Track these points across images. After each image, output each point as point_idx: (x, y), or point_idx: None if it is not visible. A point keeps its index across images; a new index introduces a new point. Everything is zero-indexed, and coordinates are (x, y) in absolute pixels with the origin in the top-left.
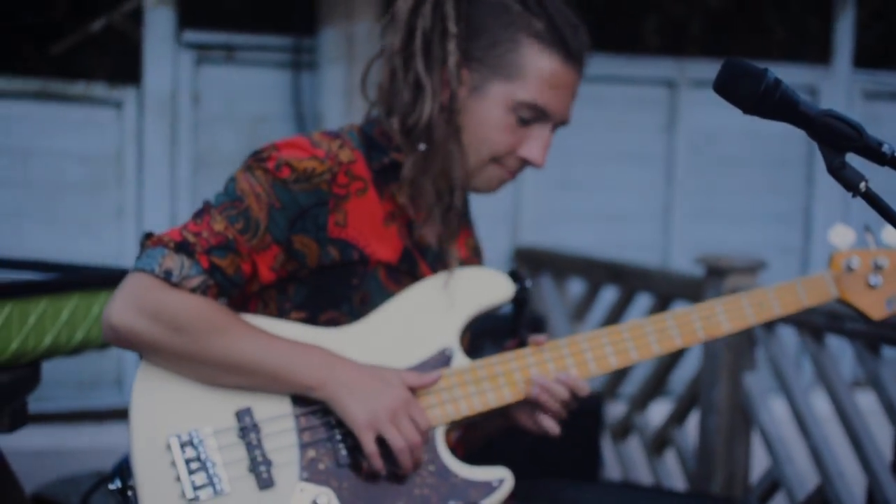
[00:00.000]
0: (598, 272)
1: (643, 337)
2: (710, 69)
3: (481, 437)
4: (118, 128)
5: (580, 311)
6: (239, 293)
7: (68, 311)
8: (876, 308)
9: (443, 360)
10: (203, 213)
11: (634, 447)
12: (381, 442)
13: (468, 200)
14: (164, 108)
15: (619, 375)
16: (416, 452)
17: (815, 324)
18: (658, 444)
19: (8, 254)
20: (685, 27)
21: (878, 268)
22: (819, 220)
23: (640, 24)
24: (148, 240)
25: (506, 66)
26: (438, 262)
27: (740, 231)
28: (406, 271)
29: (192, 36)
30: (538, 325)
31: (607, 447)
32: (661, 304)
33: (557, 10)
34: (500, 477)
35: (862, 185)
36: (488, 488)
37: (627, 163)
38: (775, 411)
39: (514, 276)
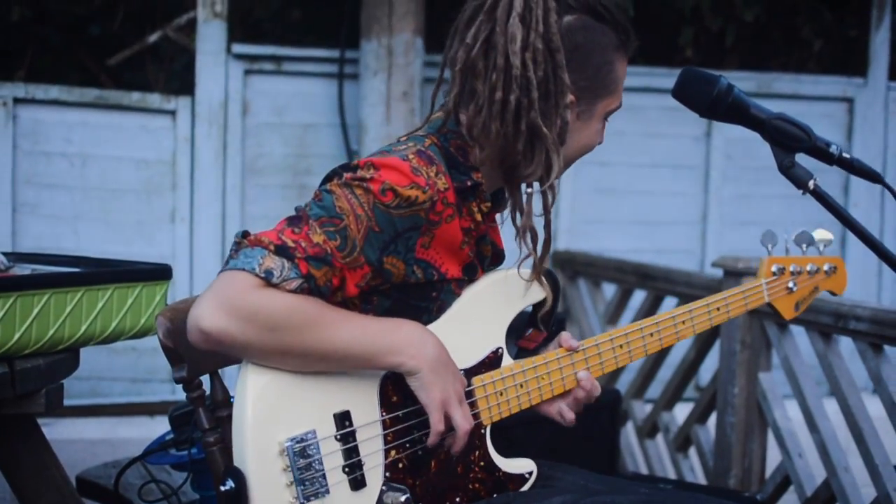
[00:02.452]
0: (629, 276)
1: (638, 340)
2: (746, 81)
3: None
4: (172, 135)
5: (614, 314)
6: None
7: (104, 302)
8: (788, 310)
9: (497, 359)
10: (300, 222)
11: (662, 446)
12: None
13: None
14: (215, 117)
15: (647, 377)
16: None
17: (823, 324)
18: (682, 442)
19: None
20: (722, 39)
21: (795, 273)
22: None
23: (678, 37)
24: (244, 238)
25: (607, 85)
26: (488, 266)
27: None
28: (468, 280)
29: (241, 48)
30: (561, 323)
31: (635, 445)
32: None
33: (618, 11)
34: (530, 469)
35: (811, 183)
36: (522, 480)
37: (664, 171)
38: (789, 410)
39: (548, 274)
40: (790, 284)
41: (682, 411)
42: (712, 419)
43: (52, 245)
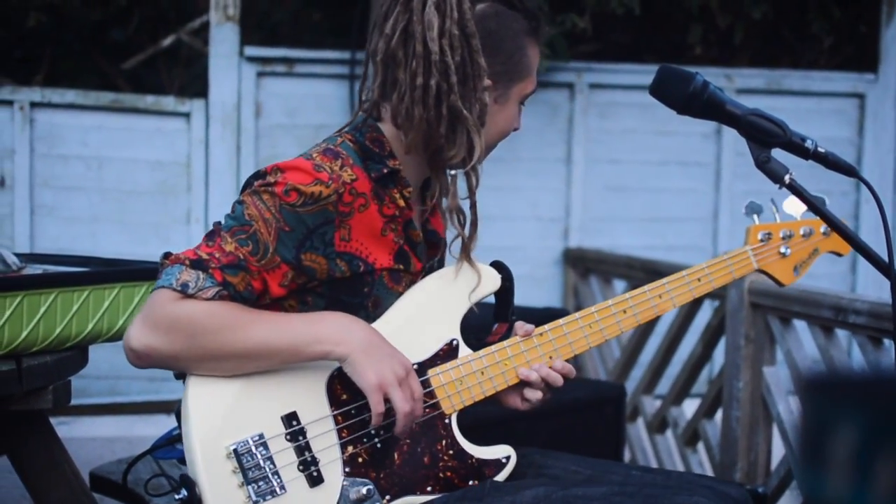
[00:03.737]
0: (638, 272)
1: (610, 318)
2: (756, 78)
3: None
4: (186, 137)
5: None
6: (253, 306)
7: (110, 301)
8: (786, 275)
9: (452, 350)
10: (214, 235)
11: (671, 440)
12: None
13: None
14: (228, 119)
15: (656, 372)
16: (414, 417)
17: (824, 318)
18: (690, 436)
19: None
20: (731, 37)
21: (785, 238)
22: (867, 223)
23: (687, 34)
24: (166, 259)
25: (520, 70)
26: (425, 255)
27: None
28: (403, 269)
29: (254, 51)
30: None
31: (645, 440)
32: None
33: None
34: (507, 454)
35: (787, 178)
36: (499, 465)
37: (675, 168)
38: (794, 404)
39: (498, 266)
40: (782, 249)
41: (691, 406)
42: (720, 414)
43: (69, 246)
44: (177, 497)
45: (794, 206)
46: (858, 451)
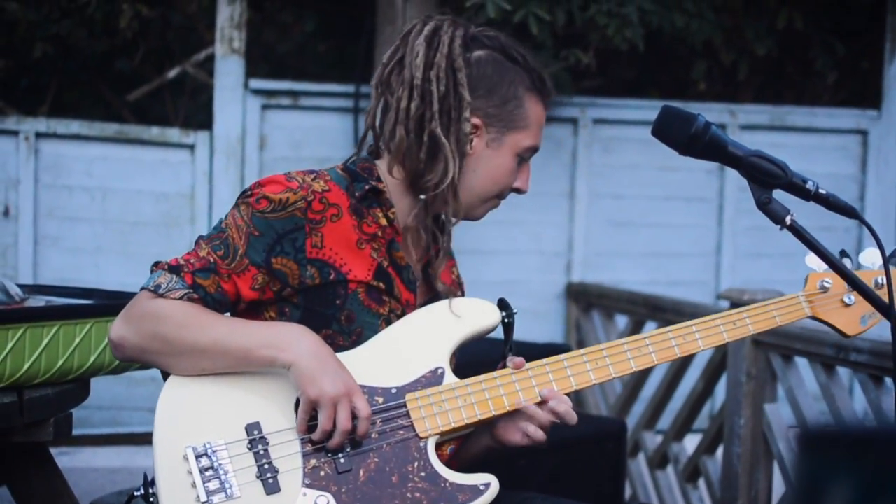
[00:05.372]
0: (640, 307)
1: (621, 355)
2: (760, 114)
3: (472, 456)
4: (191, 169)
5: None
6: (228, 311)
7: None
8: (851, 325)
9: (436, 377)
10: (195, 245)
11: (672, 476)
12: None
13: (451, 233)
14: (233, 151)
15: (658, 408)
16: (342, 438)
17: (825, 356)
18: (691, 472)
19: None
20: (735, 73)
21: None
22: None
23: (691, 70)
24: (155, 266)
25: (516, 119)
26: (416, 283)
27: (790, 269)
28: (383, 289)
29: (258, 83)
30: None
31: (646, 476)
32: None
33: (532, 60)
34: (486, 481)
35: (788, 219)
36: (475, 491)
37: (679, 203)
38: (795, 441)
39: (502, 304)
40: (845, 298)
41: (692, 442)
42: (720, 450)
43: (73, 277)
44: (135, 494)
45: (870, 258)
46: None
